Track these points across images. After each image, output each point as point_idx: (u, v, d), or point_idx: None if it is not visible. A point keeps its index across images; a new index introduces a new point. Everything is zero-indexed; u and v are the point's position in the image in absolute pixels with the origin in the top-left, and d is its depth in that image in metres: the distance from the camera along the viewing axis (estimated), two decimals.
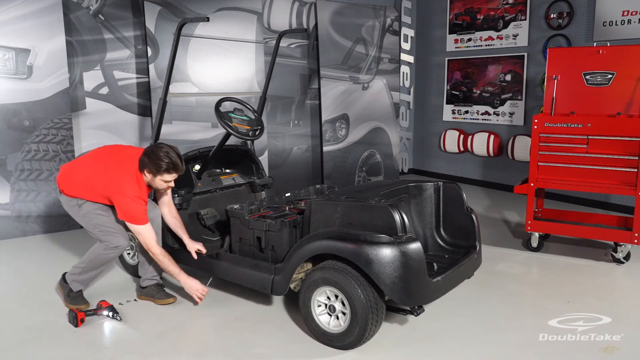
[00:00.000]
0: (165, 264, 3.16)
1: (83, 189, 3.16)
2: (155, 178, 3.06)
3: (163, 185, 3.12)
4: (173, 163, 3.02)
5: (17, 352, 2.81)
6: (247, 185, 4.13)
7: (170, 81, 3.62)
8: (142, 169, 3.06)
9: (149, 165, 3.02)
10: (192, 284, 3.21)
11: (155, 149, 3.04)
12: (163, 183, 3.09)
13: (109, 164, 3.16)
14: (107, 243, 3.16)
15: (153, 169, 3.02)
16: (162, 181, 3.07)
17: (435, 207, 3.29)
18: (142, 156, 3.06)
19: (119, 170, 3.10)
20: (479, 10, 6.81)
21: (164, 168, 3.01)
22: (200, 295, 3.23)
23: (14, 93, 4.71)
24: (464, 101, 7.13)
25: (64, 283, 3.32)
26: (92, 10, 5.15)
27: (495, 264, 4.08)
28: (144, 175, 3.08)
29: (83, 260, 3.27)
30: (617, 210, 5.38)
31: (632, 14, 5.28)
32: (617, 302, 3.39)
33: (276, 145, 6.46)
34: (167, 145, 3.07)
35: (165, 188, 3.19)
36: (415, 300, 2.67)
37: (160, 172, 3.03)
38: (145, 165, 3.04)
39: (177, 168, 3.05)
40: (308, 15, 6.51)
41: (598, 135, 3.93)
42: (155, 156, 3.00)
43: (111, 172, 3.10)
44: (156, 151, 3.02)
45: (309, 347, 2.83)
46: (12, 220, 4.84)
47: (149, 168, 3.03)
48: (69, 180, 3.21)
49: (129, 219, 3.06)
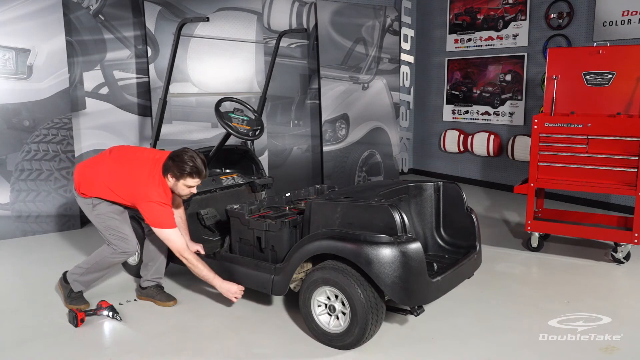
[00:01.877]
0: (199, 269, 3.08)
1: (103, 190, 3.09)
2: (178, 182, 3.00)
3: (185, 191, 3.05)
4: (197, 167, 2.97)
5: (17, 352, 2.81)
6: (247, 185, 4.13)
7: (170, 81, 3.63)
8: (166, 173, 3.01)
9: (173, 168, 2.97)
10: (229, 287, 3.11)
11: (180, 153, 2.99)
12: (185, 188, 3.03)
13: (132, 168, 3.08)
14: (116, 247, 3.14)
15: (177, 172, 2.97)
16: (184, 186, 3.01)
17: (435, 207, 3.29)
18: (167, 160, 3.01)
19: (143, 175, 3.04)
20: (479, 10, 6.81)
21: (187, 172, 2.96)
22: (238, 296, 3.14)
23: (14, 93, 4.71)
24: (464, 101, 7.13)
25: (65, 283, 3.31)
26: (92, 10, 5.15)
27: (495, 264, 4.08)
28: (167, 180, 3.03)
29: (87, 260, 3.25)
30: (617, 210, 5.38)
31: (632, 14, 5.28)
32: (617, 302, 3.39)
33: (276, 145, 6.46)
34: (193, 151, 3.04)
35: (187, 194, 3.10)
36: (415, 300, 2.67)
37: (184, 175, 2.97)
38: (169, 169, 2.99)
39: (201, 173, 3.00)
40: (308, 15, 6.51)
41: (598, 135, 3.93)
42: (180, 159, 2.96)
43: (136, 176, 3.04)
44: (181, 155, 2.98)
45: (309, 347, 2.83)
46: (12, 220, 4.84)
47: (172, 172, 2.98)
48: (88, 180, 3.14)
49: (157, 224, 3.00)
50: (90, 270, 3.23)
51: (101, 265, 3.21)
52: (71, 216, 5.06)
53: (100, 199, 3.13)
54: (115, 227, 3.14)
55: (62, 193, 4.99)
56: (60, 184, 4.97)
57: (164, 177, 3.03)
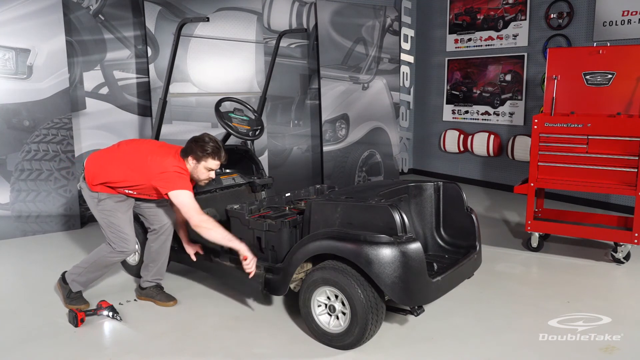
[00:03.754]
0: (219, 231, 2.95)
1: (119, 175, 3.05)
2: (199, 164, 3.02)
3: (205, 175, 3.07)
4: (219, 148, 3.03)
5: (17, 352, 2.81)
6: (247, 185, 4.13)
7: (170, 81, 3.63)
8: (187, 155, 3.03)
9: (195, 150, 2.99)
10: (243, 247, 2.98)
11: (201, 136, 3.05)
12: (205, 171, 3.05)
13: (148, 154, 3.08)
14: (115, 245, 3.14)
15: (199, 153, 2.99)
16: (205, 168, 3.04)
17: (435, 207, 3.29)
18: (188, 143, 3.05)
19: (161, 154, 3.06)
20: (479, 10, 6.81)
21: (209, 151, 2.99)
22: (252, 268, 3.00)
23: (14, 93, 4.71)
24: (464, 101, 7.13)
25: (64, 283, 3.31)
26: (92, 10, 5.15)
27: (495, 264, 4.08)
28: (187, 163, 3.04)
29: (86, 260, 3.25)
30: (617, 210, 5.38)
31: (632, 14, 5.28)
32: (617, 302, 3.39)
33: (276, 145, 6.46)
34: (210, 135, 3.09)
35: (206, 179, 3.11)
36: (415, 300, 2.67)
37: (205, 156, 3.00)
38: (190, 151, 3.01)
39: (221, 154, 3.05)
40: (308, 15, 6.51)
41: (598, 135, 3.93)
42: (202, 140, 3.01)
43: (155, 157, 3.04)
44: (202, 137, 3.04)
45: (309, 347, 2.83)
46: (12, 220, 4.84)
47: (194, 153, 3.00)
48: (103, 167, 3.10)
49: (172, 187, 2.93)
50: (88, 269, 3.23)
51: (99, 264, 3.21)
52: (71, 216, 5.06)
53: (106, 194, 3.12)
54: (117, 225, 3.14)
55: (62, 193, 4.99)
56: (60, 184, 4.97)
57: (183, 159, 3.05)
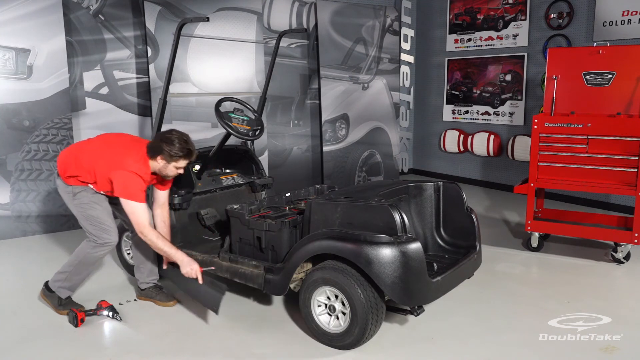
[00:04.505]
0: (160, 244, 3.03)
1: (84, 171, 3.05)
2: (169, 165, 3.01)
3: (174, 172, 3.06)
4: (189, 150, 3.00)
5: (17, 352, 2.81)
6: (247, 185, 4.13)
7: (170, 81, 3.62)
8: (155, 155, 2.99)
9: (165, 151, 2.96)
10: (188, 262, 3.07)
11: (169, 136, 2.98)
12: (174, 170, 3.04)
13: (116, 146, 3.08)
14: (97, 239, 3.07)
15: (169, 155, 2.97)
16: (174, 168, 3.03)
17: (435, 207, 3.29)
18: (156, 142, 2.99)
19: (125, 150, 3.04)
20: (479, 10, 6.81)
21: (180, 155, 2.97)
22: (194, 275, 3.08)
23: (14, 93, 4.71)
24: (464, 101, 7.13)
25: (49, 292, 3.25)
26: (92, 10, 5.15)
27: (495, 264, 4.08)
28: (154, 162, 3.01)
29: (68, 263, 3.18)
30: (617, 210, 5.38)
31: (632, 14, 5.28)
32: (617, 302, 3.39)
33: (276, 145, 6.46)
34: (179, 132, 3.03)
35: (174, 175, 3.11)
36: (415, 300, 2.67)
37: (176, 158, 2.98)
38: (159, 152, 2.97)
39: (192, 155, 3.04)
40: (308, 15, 6.51)
41: (598, 135, 3.93)
42: (171, 142, 2.96)
43: (117, 151, 3.03)
44: (171, 138, 2.97)
45: (309, 347, 2.83)
46: (12, 220, 4.84)
47: (163, 154, 2.97)
48: (73, 161, 3.09)
49: (125, 194, 2.93)
50: (73, 272, 3.17)
51: (85, 263, 3.14)
52: (71, 216, 5.02)
53: (81, 187, 3.08)
54: (96, 217, 3.08)
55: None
56: None
57: (150, 158, 3.01)
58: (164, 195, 3.33)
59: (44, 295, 3.31)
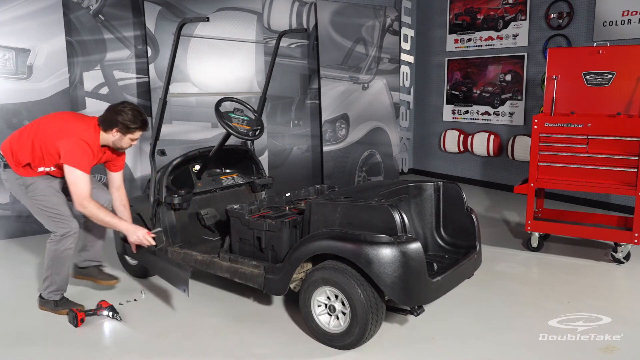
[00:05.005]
0: (102, 216, 2.98)
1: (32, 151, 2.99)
2: (125, 137, 3.03)
3: (128, 144, 3.09)
4: (142, 120, 3.03)
5: (17, 352, 2.81)
6: (247, 185, 4.13)
7: (170, 81, 3.62)
8: (110, 128, 2.99)
9: (120, 123, 2.97)
10: (135, 230, 3.08)
11: (123, 108, 2.99)
12: (129, 142, 3.07)
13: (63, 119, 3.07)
14: (55, 231, 3.05)
15: (122, 127, 2.98)
16: (130, 140, 3.06)
17: (435, 207, 3.29)
18: (110, 114, 2.99)
19: (74, 121, 3.04)
20: (479, 10, 6.81)
21: (136, 126, 3.00)
22: (145, 242, 3.10)
23: (14, 93, 4.71)
24: (464, 101, 7.13)
25: (44, 300, 3.25)
26: (92, 10, 5.15)
27: (495, 264, 4.08)
28: (108, 134, 3.01)
29: (45, 268, 3.18)
30: (617, 210, 5.38)
31: (632, 14, 5.28)
32: (617, 302, 3.39)
33: (276, 145, 6.46)
34: (131, 103, 3.06)
35: (127, 147, 3.12)
36: (415, 300, 2.67)
37: (132, 130, 3.01)
38: (114, 124, 2.97)
39: (147, 125, 3.09)
40: (308, 15, 6.51)
41: (598, 135, 3.93)
42: (126, 114, 2.97)
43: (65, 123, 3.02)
44: (125, 110, 2.98)
45: (309, 347, 2.83)
46: (12, 220, 4.83)
47: (119, 127, 2.98)
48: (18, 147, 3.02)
49: (70, 160, 2.88)
50: (53, 274, 3.16)
51: (57, 261, 3.13)
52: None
53: (32, 178, 3.05)
54: (52, 207, 3.05)
55: None
56: None
57: (104, 130, 3.01)
58: (118, 177, 3.33)
59: (41, 305, 3.30)
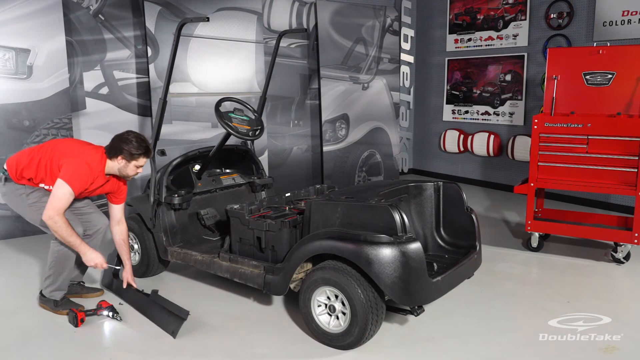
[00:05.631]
0: (67, 233, 2.97)
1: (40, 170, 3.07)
2: (130, 164, 3.07)
3: (134, 172, 3.13)
4: (146, 147, 3.09)
5: (17, 352, 2.81)
6: (247, 185, 4.13)
7: (170, 81, 3.62)
8: (116, 155, 3.05)
9: (125, 151, 3.03)
10: (92, 256, 3.08)
11: (127, 137, 3.06)
12: (134, 169, 3.11)
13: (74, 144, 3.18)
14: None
15: (129, 154, 3.04)
16: (135, 167, 3.10)
17: (435, 207, 3.29)
18: (115, 143, 3.06)
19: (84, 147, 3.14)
20: (479, 10, 6.81)
21: (140, 153, 3.05)
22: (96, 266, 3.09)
23: (14, 93, 4.71)
24: (464, 101, 7.13)
25: (45, 299, 3.26)
26: (92, 10, 5.15)
27: (495, 264, 4.08)
28: (114, 162, 3.07)
29: (48, 267, 3.21)
30: (617, 210, 5.38)
31: (632, 14, 5.28)
32: (617, 302, 3.39)
33: (276, 145, 6.46)
34: (135, 132, 3.12)
35: (134, 175, 3.17)
36: (415, 300, 2.67)
37: (136, 157, 3.06)
38: (120, 152, 3.04)
39: (150, 152, 3.13)
40: (308, 15, 6.51)
41: (598, 135, 3.93)
42: (130, 142, 3.04)
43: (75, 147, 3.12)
44: (129, 138, 3.05)
45: (309, 347, 2.83)
46: (12, 220, 4.83)
47: (123, 154, 3.04)
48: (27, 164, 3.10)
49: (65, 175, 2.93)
50: (56, 273, 3.19)
51: (62, 260, 3.16)
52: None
53: (34, 188, 3.12)
54: None
55: None
56: None
57: (110, 158, 3.08)
58: (119, 210, 3.35)
59: (41, 302, 3.31)
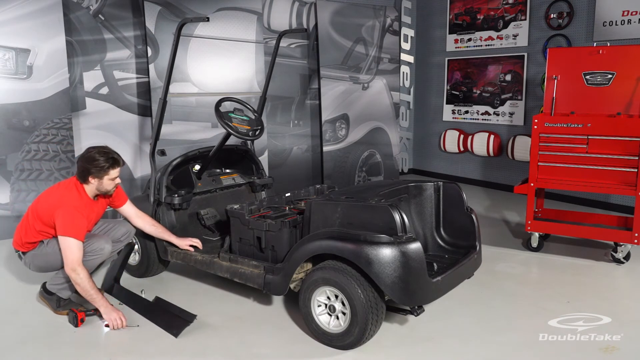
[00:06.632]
0: (88, 286, 2.97)
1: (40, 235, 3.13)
2: (103, 180, 3.05)
3: (111, 185, 3.11)
4: (113, 158, 3.05)
5: (17, 352, 2.81)
6: (247, 185, 4.13)
7: (170, 81, 3.62)
8: (86, 178, 3.04)
9: (91, 170, 3.01)
10: (110, 314, 3.00)
11: (87, 155, 3.03)
12: (110, 182, 3.09)
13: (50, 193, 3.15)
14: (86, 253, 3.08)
15: (96, 172, 3.01)
16: (109, 180, 3.07)
17: (435, 207, 3.29)
18: (81, 166, 3.03)
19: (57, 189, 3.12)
20: (479, 10, 6.81)
21: (107, 166, 3.02)
22: (117, 326, 2.99)
23: (14, 93, 4.71)
24: (464, 101, 7.13)
25: (48, 295, 3.24)
26: (92, 10, 5.15)
27: (495, 264, 4.08)
28: (89, 185, 3.07)
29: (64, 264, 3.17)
30: (617, 210, 5.38)
31: (632, 14, 5.28)
32: (617, 302, 3.39)
33: (276, 145, 6.46)
34: (95, 147, 3.09)
35: (113, 188, 3.15)
36: (415, 300, 2.67)
37: (104, 170, 3.02)
38: (87, 173, 3.02)
39: (118, 161, 3.08)
40: (308, 15, 6.51)
41: (598, 135, 3.93)
42: (92, 159, 3.00)
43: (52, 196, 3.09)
44: (90, 155, 3.02)
45: (309, 347, 2.83)
46: (12, 220, 4.83)
47: (92, 173, 3.02)
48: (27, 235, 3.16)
49: (63, 230, 2.95)
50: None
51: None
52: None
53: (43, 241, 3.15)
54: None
55: None
56: None
57: (82, 183, 3.07)
58: (129, 207, 3.39)
59: (42, 297, 3.31)
